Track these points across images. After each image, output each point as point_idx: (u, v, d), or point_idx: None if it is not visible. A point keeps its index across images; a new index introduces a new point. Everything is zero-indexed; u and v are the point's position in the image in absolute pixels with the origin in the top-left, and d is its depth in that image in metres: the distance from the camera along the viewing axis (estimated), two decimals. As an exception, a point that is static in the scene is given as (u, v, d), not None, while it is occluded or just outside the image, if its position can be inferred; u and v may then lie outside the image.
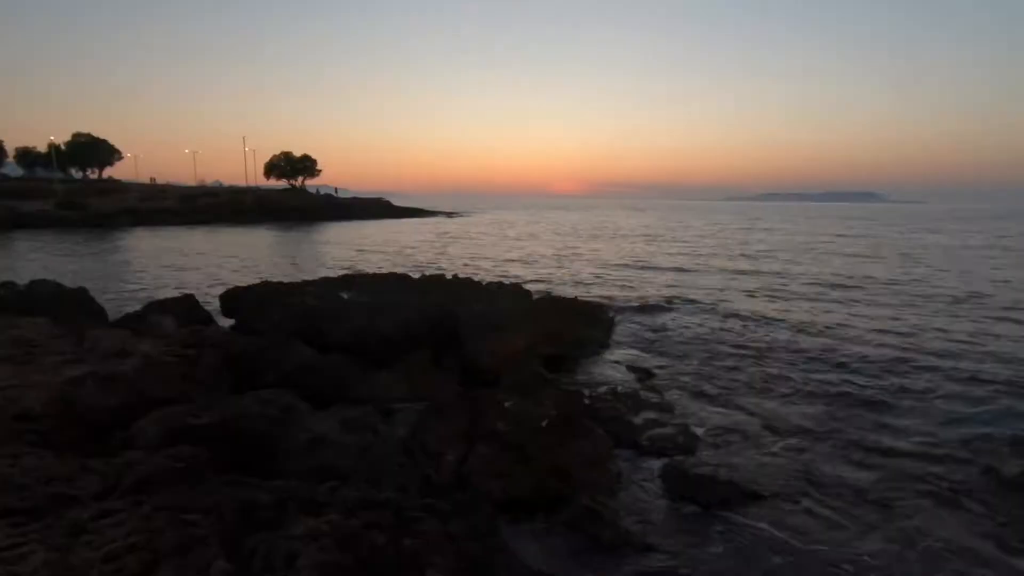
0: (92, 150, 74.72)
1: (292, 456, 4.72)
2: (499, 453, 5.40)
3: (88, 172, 77.10)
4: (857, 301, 15.99)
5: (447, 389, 8.02)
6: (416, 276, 14.22)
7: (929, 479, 5.79)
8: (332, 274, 16.01)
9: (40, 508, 2.95)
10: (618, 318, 13.08)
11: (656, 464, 6.05)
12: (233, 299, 10.60)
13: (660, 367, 9.55)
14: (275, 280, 12.51)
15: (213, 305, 11.30)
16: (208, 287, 17.42)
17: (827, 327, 12.51)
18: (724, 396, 8.15)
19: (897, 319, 13.38)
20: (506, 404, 6.31)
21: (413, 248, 32.54)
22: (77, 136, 73.78)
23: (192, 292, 12.28)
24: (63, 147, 72.36)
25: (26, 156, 75.73)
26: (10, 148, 74.11)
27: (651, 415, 7.36)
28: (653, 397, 8.06)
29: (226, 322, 10.34)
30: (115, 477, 3.28)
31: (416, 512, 2.99)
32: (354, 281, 13.36)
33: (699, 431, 6.91)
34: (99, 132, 76.84)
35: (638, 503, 5.34)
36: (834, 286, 18.70)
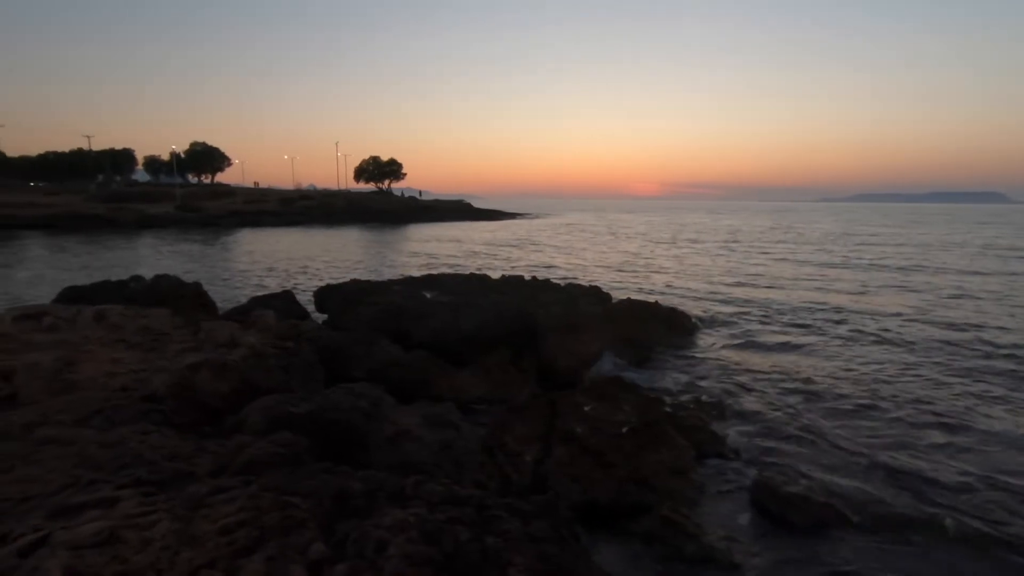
0: (206, 157, 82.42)
1: (379, 448, 4.95)
2: (577, 456, 5.36)
3: (202, 177, 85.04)
4: (984, 315, 14.35)
5: (524, 389, 8.10)
6: (495, 277, 14.46)
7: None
8: (416, 274, 16.64)
9: (165, 481, 3.29)
10: (701, 324, 12.58)
11: (743, 478, 5.75)
12: (325, 296, 11.28)
13: (747, 377, 9.07)
14: (363, 279, 13.18)
15: (308, 300, 12.07)
16: (303, 284, 18.66)
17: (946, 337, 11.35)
18: (819, 412, 7.59)
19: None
20: (585, 408, 6.25)
21: (492, 249, 33.08)
22: (194, 145, 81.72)
23: (289, 288, 13.20)
24: (182, 155, 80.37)
25: (152, 164, 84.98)
26: (139, 157, 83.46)
27: (738, 426, 7.02)
28: (739, 407, 7.68)
29: (319, 317, 11.02)
30: (227, 458, 3.59)
31: (498, 510, 3.03)
32: (436, 281, 13.81)
33: (790, 446, 6.50)
34: (212, 141, 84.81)
35: (723, 518, 5.10)
36: (951, 298, 16.89)
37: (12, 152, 76.97)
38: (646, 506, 4.96)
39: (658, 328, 10.93)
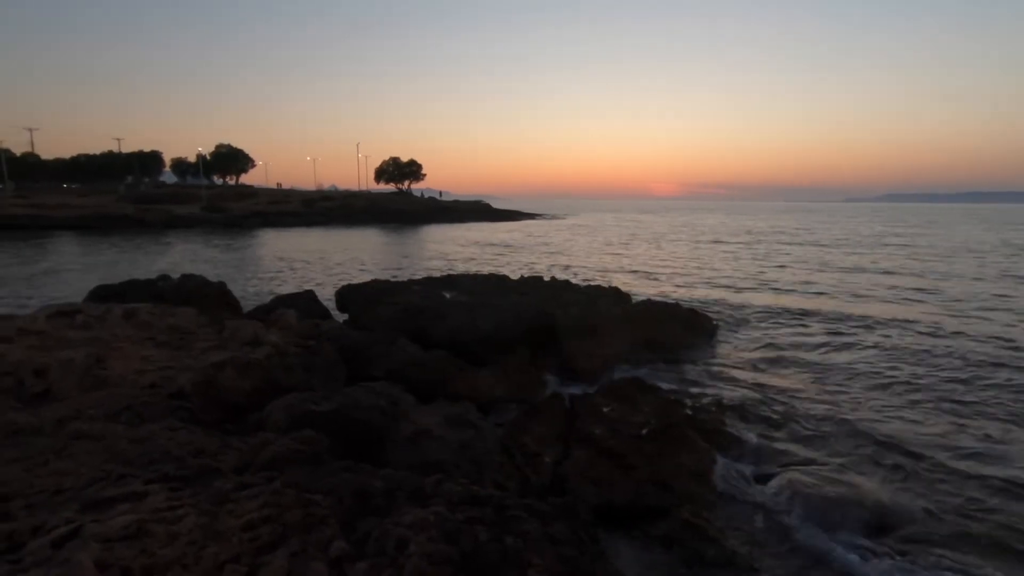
0: (231, 159, 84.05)
1: (398, 447, 4.99)
2: (596, 458, 5.34)
3: (227, 178, 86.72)
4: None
5: (543, 390, 8.09)
6: (514, 277, 14.47)
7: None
8: (436, 274, 16.72)
9: (191, 477, 3.35)
10: (722, 326, 12.42)
11: (765, 481, 5.66)
12: (346, 296, 11.41)
13: (769, 381, 8.93)
14: (384, 278, 13.29)
15: (328, 299, 12.21)
16: (325, 283, 18.91)
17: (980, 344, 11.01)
18: (844, 419, 7.43)
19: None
20: (604, 409, 6.23)
21: (511, 249, 33.11)
22: (219, 147, 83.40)
23: (311, 288, 13.38)
24: (208, 157, 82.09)
25: (179, 166, 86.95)
26: (167, 159, 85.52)
27: (760, 429, 6.91)
28: (762, 410, 7.56)
29: (340, 316, 11.15)
30: (251, 455, 3.66)
31: (517, 511, 3.03)
32: (455, 281, 13.86)
33: (814, 452, 6.38)
34: (237, 142, 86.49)
35: (745, 522, 5.03)
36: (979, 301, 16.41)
37: (46, 155, 79.48)
38: (665, 509, 4.91)
39: (678, 330, 10.82)
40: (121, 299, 8.85)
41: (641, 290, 17.35)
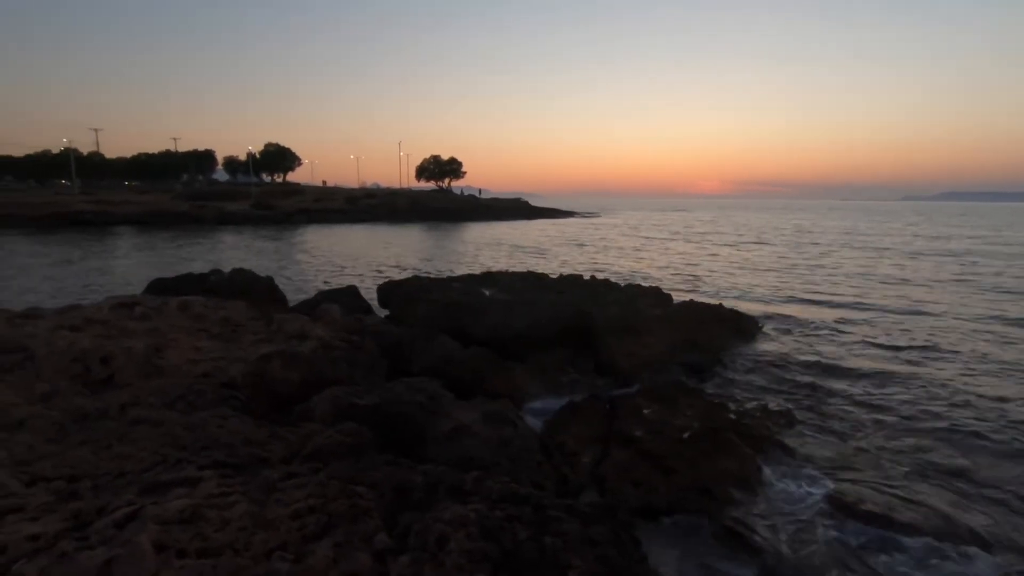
0: (279, 158, 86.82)
1: (437, 442, 5.04)
2: (636, 460, 5.26)
3: (275, 176, 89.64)
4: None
5: (581, 390, 8.02)
6: (553, 276, 14.42)
7: None
8: (475, 271, 16.83)
9: (241, 464, 3.48)
10: (769, 330, 12.03)
11: (812, 493, 5.45)
12: (387, 292, 11.61)
13: (818, 387, 8.58)
14: (424, 275, 13.47)
15: (371, 295, 12.46)
16: (367, 279, 19.31)
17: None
18: (899, 430, 7.06)
19: None
20: (644, 410, 6.13)
21: (550, 247, 33.01)
22: (268, 146, 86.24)
23: (354, 283, 13.67)
24: (258, 156, 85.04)
25: (231, 164, 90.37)
26: (219, 158, 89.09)
27: (807, 438, 6.66)
28: (810, 418, 7.29)
29: (382, 312, 11.36)
30: (297, 445, 3.77)
31: (556, 511, 3.02)
32: (494, 278, 13.92)
33: (866, 465, 6.09)
34: (284, 141, 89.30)
35: (790, 531, 4.86)
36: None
37: (110, 154, 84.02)
38: (708, 514, 4.80)
39: (722, 331, 10.55)
40: (176, 292, 9.27)
41: (682, 291, 16.99)
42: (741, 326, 11.25)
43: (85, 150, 78.28)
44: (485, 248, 32.43)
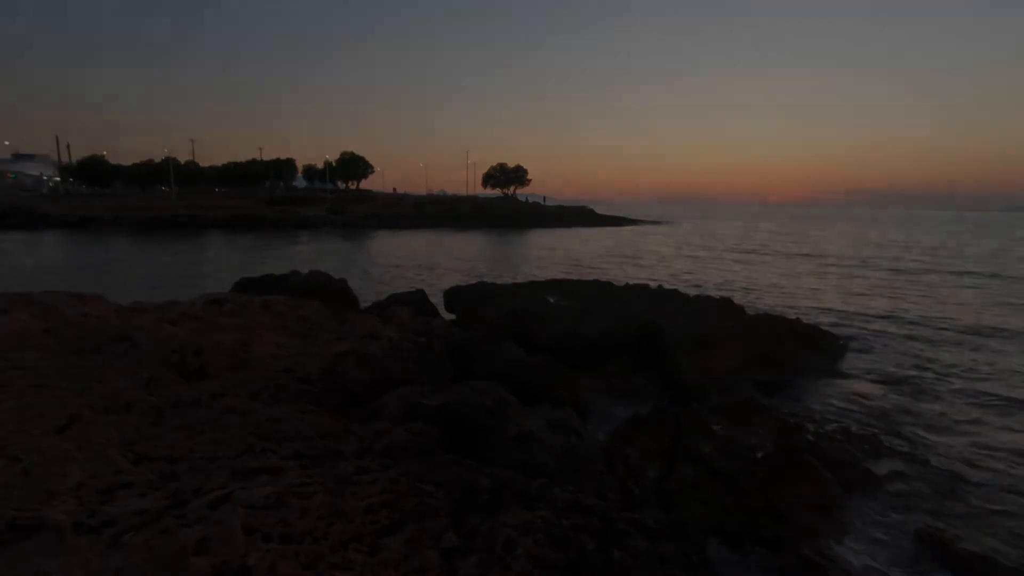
0: (353, 165, 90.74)
1: (501, 446, 5.08)
2: (705, 479, 5.08)
3: (349, 183, 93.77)
4: None
5: (647, 402, 7.84)
6: (618, 284, 14.20)
7: None
8: (539, 277, 16.86)
9: (318, 456, 3.65)
10: (851, 348, 11.28)
11: (899, 526, 5.05)
12: (454, 296, 11.85)
13: (903, 410, 7.96)
14: (489, 280, 13.63)
15: (437, 298, 12.76)
16: (433, 283, 19.79)
17: None
18: (993, 459, 6.43)
19: None
20: (713, 427, 5.91)
21: (615, 255, 32.55)
22: (343, 154, 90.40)
23: (421, 287, 14.05)
24: (333, 164, 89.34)
25: (309, 171, 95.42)
26: (299, 166, 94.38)
27: (895, 465, 6.19)
28: (896, 444, 6.77)
29: (448, 315, 11.60)
30: (369, 441, 3.91)
31: (623, 525, 2.96)
32: (559, 286, 13.89)
33: (960, 501, 5.57)
34: (358, 150, 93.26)
35: (874, 568, 4.52)
36: None
37: (204, 162, 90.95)
38: (781, 541, 4.55)
39: (799, 348, 10.01)
40: (259, 291, 9.88)
41: (757, 303, 16.25)
42: (820, 342, 10.63)
43: (183, 159, 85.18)
44: (549, 254, 32.43)
